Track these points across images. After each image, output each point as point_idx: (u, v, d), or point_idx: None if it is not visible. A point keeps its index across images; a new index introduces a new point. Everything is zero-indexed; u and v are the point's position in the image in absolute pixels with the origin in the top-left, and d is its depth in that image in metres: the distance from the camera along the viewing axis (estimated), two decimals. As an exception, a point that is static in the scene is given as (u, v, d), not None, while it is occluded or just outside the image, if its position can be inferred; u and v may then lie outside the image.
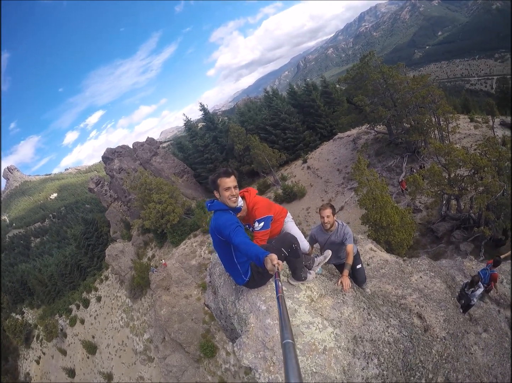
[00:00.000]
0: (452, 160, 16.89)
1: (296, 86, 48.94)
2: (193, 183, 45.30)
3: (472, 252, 16.77)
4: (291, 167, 37.89)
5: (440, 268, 8.60)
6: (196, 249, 27.73)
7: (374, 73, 25.53)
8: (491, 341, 5.94)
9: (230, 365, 19.42)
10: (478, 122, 30.90)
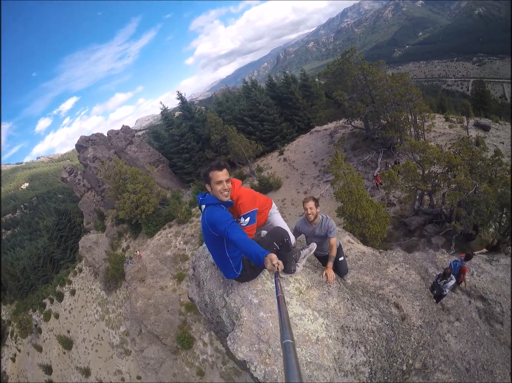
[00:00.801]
0: (426, 157, 17.39)
1: (275, 78, 48.76)
2: (168, 173, 44.45)
3: (444, 246, 17.43)
4: (267, 158, 37.94)
5: (414, 260, 8.96)
6: (171, 240, 27.37)
7: (354, 69, 25.74)
8: (463, 329, 6.24)
9: (207, 356, 19.47)
10: (453, 122, 32.11)
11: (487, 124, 31.25)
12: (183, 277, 23.85)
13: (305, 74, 47.06)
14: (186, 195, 37.74)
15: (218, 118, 38.85)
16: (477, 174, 15.78)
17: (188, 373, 19.26)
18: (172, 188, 41.14)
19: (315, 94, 43.76)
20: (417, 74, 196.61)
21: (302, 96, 43.21)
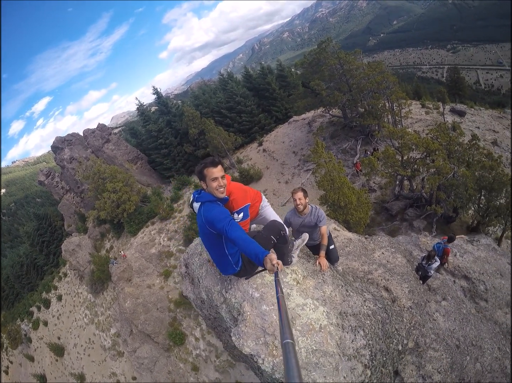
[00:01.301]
0: (405, 144, 17.71)
1: (251, 70, 48.21)
2: (147, 169, 43.42)
3: (425, 229, 17.87)
4: (246, 150, 37.71)
5: (399, 244, 9.21)
6: (155, 237, 27.03)
7: (331, 59, 25.82)
8: (450, 308, 6.47)
9: (200, 351, 19.46)
10: (429, 108, 32.84)
11: (462, 110, 31.98)
12: (170, 273, 23.64)
13: (281, 64, 46.82)
14: (166, 191, 37.22)
15: (195, 112, 38.25)
16: (455, 158, 16.23)
17: (183, 370, 19.21)
18: (152, 184, 40.44)
19: (292, 84, 43.81)
20: (392, 62, 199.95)
21: (279, 87, 43.03)
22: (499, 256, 8.53)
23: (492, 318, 6.56)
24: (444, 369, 4.81)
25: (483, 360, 5.35)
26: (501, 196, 14.41)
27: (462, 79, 38.02)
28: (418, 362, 4.88)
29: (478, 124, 29.53)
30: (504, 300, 6.95)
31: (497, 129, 28.57)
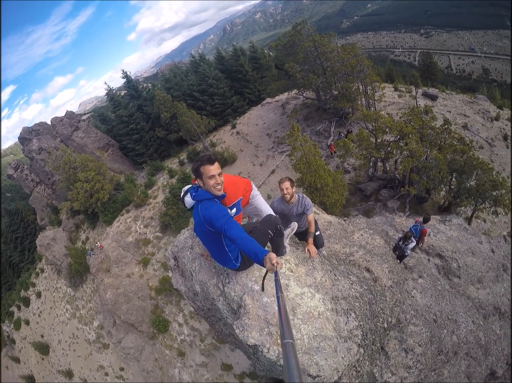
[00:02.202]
0: (379, 127, 18.19)
1: (223, 51, 47.31)
2: (119, 156, 42.33)
3: (399, 209, 18.61)
4: (220, 133, 37.23)
5: (376, 225, 9.57)
6: (131, 225, 26.52)
7: (306, 41, 25.69)
8: (426, 285, 6.88)
9: (184, 336, 19.68)
10: (402, 92, 33.56)
11: (434, 94, 32.74)
12: (148, 261, 23.46)
13: (254, 46, 46.03)
14: (140, 178, 36.25)
15: (166, 95, 37.17)
16: (427, 141, 16.85)
17: (169, 356, 19.39)
18: (125, 171, 39.42)
19: (264, 66, 43.43)
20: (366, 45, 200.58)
21: (251, 69, 42.61)
22: (470, 235, 9.04)
23: (465, 293, 7.05)
24: (424, 342, 5.19)
25: (458, 333, 5.81)
26: (471, 178, 15.21)
27: (434, 63, 38.98)
28: (400, 337, 5.22)
29: (449, 108, 30.42)
30: (476, 277, 7.47)
31: (468, 114, 29.57)
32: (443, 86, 42.94)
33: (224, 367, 18.09)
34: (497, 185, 14.01)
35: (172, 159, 37.73)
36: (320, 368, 3.20)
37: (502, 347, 6.29)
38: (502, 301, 7.06)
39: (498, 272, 7.79)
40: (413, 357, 4.95)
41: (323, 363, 3.21)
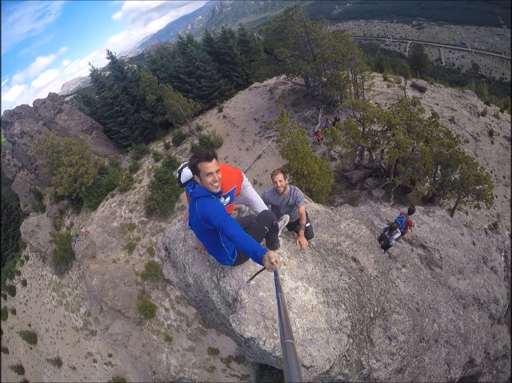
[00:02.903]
0: (367, 116, 18.29)
1: (212, 33, 46.01)
2: (103, 139, 41.12)
3: (383, 197, 19.00)
4: (206, 116, 36.64)
5: (362, 215, 9.76)
6: (115, 210, 26.24)
7: (297, 27, 25.20)
8: (409, 274, 7.12)
9: (171, 321, 19.91)
10: (391, 82, 33.60)
11: (423, 86, 32.84)
12: (134, 246, 23.38)
13: (243, 29, 44.98)
14: (125, 161, 35.82)
15: (152, 77, 36.23)
16: (414, 133, 17.06)
17: (157, 341, 19.62)
18: (109, 155, 38.52)
19: (253, 50, 42.68)
20: (356, 32, 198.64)
21: (240, 52, 41.77)
22: (453, 227, 9.34)
23: (446, 283, 7.35)
24: (407, 330, 5.43)
25: (439, 321, 6.09)
26: (456, 172, 15.62)
27: (425, 56, 38.86)
28: (384, 325, 5.44)
29: (437, 101, 30.69)
30: (457, 268, 7.78)
31: (455, 108, 29.89)
32: (432, 79, 43.15)
33: (211, 351, 18.45)
34: (480, 179, 14.46)
35: (158, 143, 37.24)
36: (313, 359, 3.34)
37: (481, 336, 6.66)
38: (482, 292, 7.40)
39: (479, 264, 8.11)
40: (396, 344, 5.18)
41: (316, 354, 3.36)
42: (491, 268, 8.19)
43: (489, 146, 25.79)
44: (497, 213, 20.56)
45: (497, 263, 8.38)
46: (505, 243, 9.00)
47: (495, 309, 7.41)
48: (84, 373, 23.18)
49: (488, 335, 6.93)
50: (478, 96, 37.22)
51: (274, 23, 28.77)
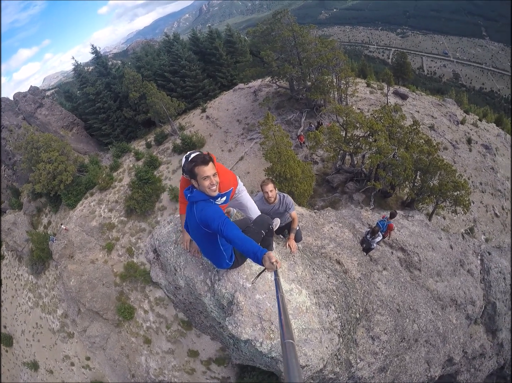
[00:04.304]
0: (350, 121, 18.76)
1: (198, 32, 45.88)
2: (84, 136, 40.14)
3: (364, 202, 19.42)
4: (189, 116, 36.33)
5: (344, 218, 10.02)
6: (95, 209, 25.57)
7: (285, 30, 25.46)
8: (390, 277, 7.38)
9: (150, 323, 19.54)
10: (373, 88, 34.34)
11: (405, 93, 33.76)
12: (113, 246, 22.87)
13: (230, 29, 44.88)
14: (105, 159, 34.86)
15: (136, 74, 35.57)
16: (395, 140, 17.57)
17: (135, 343, 19.20)
18: (90, 152, 37.50)
19: (239, 51, 42.76)
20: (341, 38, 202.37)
21: (226, 52, 41.76)
22: (431, 231, 9.72)
23: (425, 285, 7.66)
24: (389, 330, 5.66)
25: (419, 322, 6.36)
26: (435, 178, 16.22)
27: (408, 64, 39.64)
28: (367, 325, 5.64)
29: (418, 108, 31.56)
30: (435, 270, 8.12)
31: (435, 115, 30.81)
32: (414, 86, 44.58)
33: (191, 353, 18.26)
34: (458, 186, 15.08)
35: (139, 141, 36.60)
36: (308, 358, 3.47)
37: (459, 336, 7.00)
38: (459, 293, 7.76)
39: (456, 267, 8.49)
40: (379, 344, 5.39)
41: (311, 354, 3.49)
42: (467, 271, 8.59)
43: (467, 154, 26.76)
44: (473, 218, 21.44)
45: (474, 266, 8.79)
46: (481, 247, 9.45)
47: (472, 310, 7.79)
48: (61, 377, 22.36)
49: (466, 335, 7.28)
50: (458, 105, 38.54)
51: (262, 26, 28.91)
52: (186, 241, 4.22)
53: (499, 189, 24.68)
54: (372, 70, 51.85)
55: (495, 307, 8.44)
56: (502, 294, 8.67)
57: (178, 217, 5.07)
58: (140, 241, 22.76)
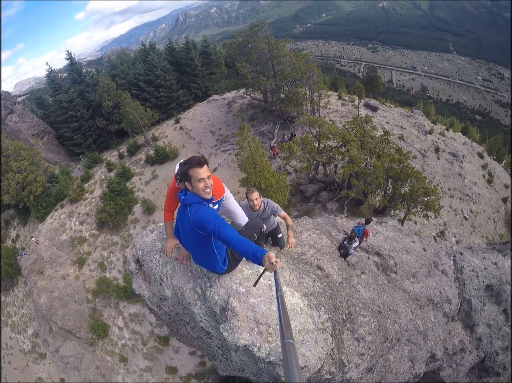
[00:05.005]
0: (323, 133, 19.31)
1: (174, 42, 46.14)
2: (55, 145, 39.06)
3: (337, 210, 19.83)
4: (162, 127, 36.18)
5: (320, 226, 10.31)
6: (65, 221, 24.66)
7: (261, 43, 26.03)
8: (369, 280, 7.63)
9: (125, 340, 18.85)
10: (345, 100, 35.65)
11: (375, 105, 35.25)
12: (84, 261, 22.09)
13: (206, 41, 45.37)
14: (76, 170, 33.85)
15: (111, 83, 35.48)
16: (367, 149, 18.24)
17: (111, 362, 18.36)
18: (60, 162, 36.48)
19: (214, 62, 43.23)
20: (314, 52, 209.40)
21: (201, 63, 42.17)
22: (404, 236, 10.16)
23: (402, 287, 7.99)
24: (373, 331, 5.84)
25: (400, 322, 6.61)
26: (405, 185, 16.90)
27: (378, 77, 41.38)
28: (351, 327, 5.80)
29: (388, 120, 33.00)
30: (410, 272, 8.49)
31: (404, 126, 32.32)
32: (384, 99, 46.86)
33: (169, 370, 17.72)
34: (429, 192, 15.84)
35: (111, 152, 35.88)
36: (306, 359, 3.53)
37: (438, 333, 7.33)
38: (435, 293, 8.15)
39: (430, 268, 8.92)
40: (364, 345, 5.55)
41: (309, 354, 3.55)
42: (441, 271, 9.04)
43: (436, 161, 28.13)
44: (443, 222, 22.53)
45: (447, 267, 9.27)
46: (453, 248, 9.99)
47: (448, 308, 8.18)
48: (35, 401, 20.99)
49: (445, 332, 7.62)
50: (425, 116, 40.68)
51: (239, 38, 29.36)
52: (169, 248, 4.13)
53: (467, 194, 26.08)
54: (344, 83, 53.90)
55: (471, 304, 8.91)
56: (476, 291, 9.17)
57: (161, 225, 4.96)
58: (113, 255, 22.19)
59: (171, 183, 3.77)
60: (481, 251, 10.69)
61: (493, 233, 24.42)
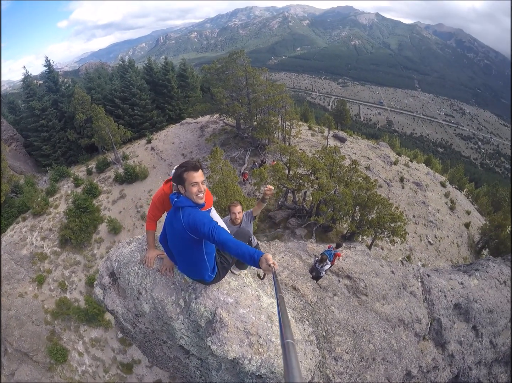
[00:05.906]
0: (294, 160, 20.02)
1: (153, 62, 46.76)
2: (22, 153, 37.38)
3: (306, 236, 20.04)
4: (134, 146, 35.82)
5: (292, 249, 10.54)
6: (26, 235, 23.29)
7: (239, 71, 27.01)
8: (341, 301, 7.80)
9: (86, 366, 17.49)
10: (315, 131, 37.29)
11: (344, 137, 37.10)
12: (44, 279, 20.76)
13: (184, 64, 46.32)
14: (42, 182, 32.47)
15: (86, 96, 34.88)
16: (336, 177, 19.07)
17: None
18: (26, 172, 34.74)
19: (191, 86, 44.03)
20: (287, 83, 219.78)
21: (178, 86, 42.80)
22: (373, 260, 10.54)
23: (373, 309, 8.22)
24: (350, 349, 5.93)
25: (374, 341, 6.77)
26: (372, 212, 17.67)
27: (347, 110, 43.84)
28: (329, 347, 5.85)
29: (355, 151, 34.63)
30: (380, 294, 8.78)
31: (371, 157, 34.02)
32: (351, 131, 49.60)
33: (132, 400, 16.56)
34: (395, 218, 16.67)
35: (80, 167, 34.80)
36: None
37: (412, 351, 7.55)
38: (405, 314, 8.45)
39: (399, 290, 9.28)
40: (342, 363, 5.61)
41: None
42: (410, 292, 9.42)
43: (400, 190, 29.59)
44: (409, 247, 23.48)
45: (415, 288, 9.69)
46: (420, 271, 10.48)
47: (419, 328, 8.49)
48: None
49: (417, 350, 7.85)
50: (391, 148, 43.32)
51: (217, 63, 30.27)
52: (150, 258, 3.99)
53: (430, 220, 27.41)
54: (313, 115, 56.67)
55: (441, 323, 9.27)
56: (445, 310, 9.58)
57: (138, 237, 4.77)
58: (74, 275, 21.05)
59: (158, 190, 3.71)
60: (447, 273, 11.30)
61: (457, 256, 25.58)
